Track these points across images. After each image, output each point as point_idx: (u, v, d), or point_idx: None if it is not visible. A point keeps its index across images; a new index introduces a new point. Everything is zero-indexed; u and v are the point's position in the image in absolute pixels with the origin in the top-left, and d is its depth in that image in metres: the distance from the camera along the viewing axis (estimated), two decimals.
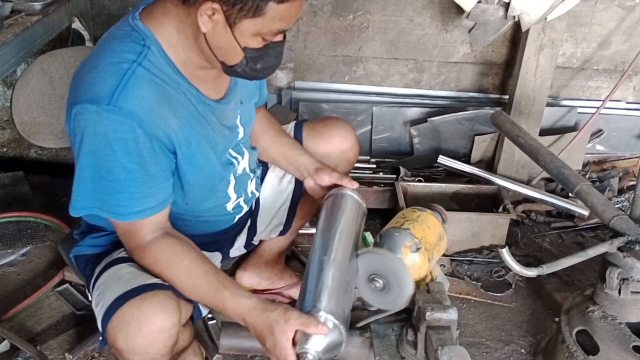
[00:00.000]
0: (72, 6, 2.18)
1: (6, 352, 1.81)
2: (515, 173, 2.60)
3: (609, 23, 2.55)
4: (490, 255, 2.31)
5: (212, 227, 1.62)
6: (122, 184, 1.27)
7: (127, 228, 1.34)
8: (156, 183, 1.31)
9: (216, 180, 1.50)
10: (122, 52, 1.26)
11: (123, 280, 1.34)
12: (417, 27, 2.55)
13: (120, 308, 1.27)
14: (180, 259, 1.33)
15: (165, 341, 1.28)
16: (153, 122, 1.26)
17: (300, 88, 2.67)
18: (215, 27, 1.22)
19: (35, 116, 2.06)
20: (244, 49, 1.25)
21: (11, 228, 2.31)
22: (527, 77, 2.42)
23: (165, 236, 1.36)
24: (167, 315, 1.27)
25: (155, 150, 1.28)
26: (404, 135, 2.71)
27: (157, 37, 1.28)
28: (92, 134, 1.23)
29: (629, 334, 1.61)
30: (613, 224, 1.61)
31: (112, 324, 1.27)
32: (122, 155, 1.24)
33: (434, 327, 1.47)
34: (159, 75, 1.28)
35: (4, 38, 1.72)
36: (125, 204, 1.29)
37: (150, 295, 1.28)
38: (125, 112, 1.21)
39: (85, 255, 1.52)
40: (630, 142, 2.78)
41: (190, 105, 1.35)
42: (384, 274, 1.44)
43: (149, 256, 1.35)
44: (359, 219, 1.51)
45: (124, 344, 1.26)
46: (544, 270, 1.54)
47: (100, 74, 1.24)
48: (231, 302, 1.30)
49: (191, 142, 1.36)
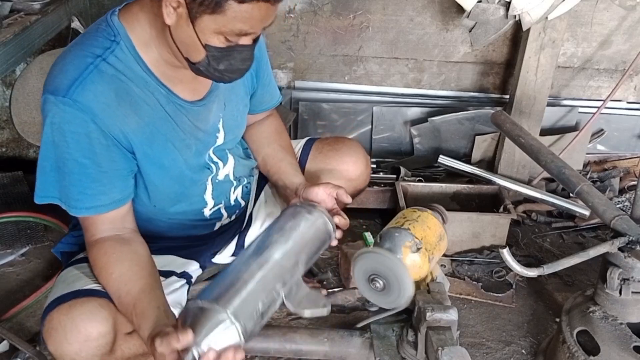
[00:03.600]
0: (71, 5, 2.18)
1: (5, 352, 1.81)
2: (516, 173, 2.60)
3: (610, 22, 2.55)
4: (491, 256, 2.31)
5: (189, 230, 1.60)
6: (75, 177, 1.27)
7: (83, 220, 1.35)
8: (110, 181, 1.30)
9: (186, 183, 1.47)
10: (90, 47, 1.27)
11: (65, 283, 1.34)
12: (417, 27, 2.55)
13: (50, 313, 1.26)
14: (111, 271, 1.29)
15: (95, 349, 1.25)
16: (109, 118, 1.26)
17: (300, 88, 2.66)
18: (179, 20, 1.22)
19: (35, 116, 2.06)
20: (205, 46, 1.24)
21: (10, 228, 2.31)
22: (527, 76, 2.42)
23: (110, 240, 1.33)
24: (94, 324, 1.23)
25: (110, 147, 1.28)
26: (404, 135, 2.71)
27: (129, 34, 1.29)
28: (51, 124, 1.24)
29: (630, 335, 1.61)
30: (614, 224, 1.60)
31: (44, 327, 1.27)
32: (75, 149, 1.25)
33: (434, 328, 1.47)
34: (124, 72, 1.28)
35: (2, 38, 1.71)
36: (78, 198, 1.29)
37: (80, 302, 1.26)
38: (79, 105, 1.22)
39: (66, 252, 1.53)
40: (631, 142, 2.78)
41: (157, 104, 1.34)
42: (384, 274, 1.43)
43: (91, 254, 1.34)
44: (318, 243, 1.40)
45: (53, 348, 1.26)
46: (545, 270, 1.53)
47: (65, 66, 1.26)
48: (138, 328, 1.21)
49: (153, 142, 1.35)
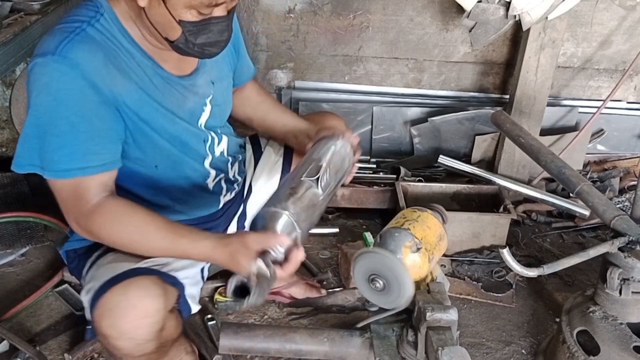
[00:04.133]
0: (71, 5, 2.17)
1: (5, 352, 1.81)
2: (516, 173, 2.60)
3: (610, 23, 2.55)
4: (491, 256, 2.31)
5: (197, 209, 1.61)
6: (66, 137, 1.26)
7: (72, 190, 1.29)
8: (102, 140, 1.30)
9: (182, 148, 1.47)
10: (74, 16, 1.30)
11: (108, 268, 1.34)
12: (417, 27, 2.55)
13: (105, 294, 1.27)
14: (129, 217, 1.30)
15: (150, 326, 1.28)
16: (99, 76, 1.26)
17: (300, 88, 2.67)
18: (151, 1, 1.24)
19: None
20: (179, 22, 1.26)
21: (10, 228, 2.31)
22: (527, 76, 2.42)
23: (111, 197, 1.32)
24: (151, 300, 1.27)
25: (101, 105, 1.28)
26: (404, 135, 2.71)
27: (113, 9, 1.31)
28: (38, 86, 1.24)
29: (630, 335, 1.61)
30: (614, 224, 1.61)
31: (97, 310, 1.27)
32: (67, 106, 1.24)
33: (434, 328, 1.47)
34: (110, 39, 1.30)
35: (3, 38, 1.71)
36: (68, 159, 1.27)
37: (134, 280, 1.28)
38: (69, 61, 1.23)
39: (75, 249, 1.52)
40: (631, 142, 2.78)
41: (143, 75, 1.36)
42: (384, 274, 1.43)
43: (95, 221, 1.29)
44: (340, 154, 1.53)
45: (109, 330, 1.26)
46: (545, 270, 1.53)
47: (52, 33, 1.27)
48: (192, 249, 1.30)
49: (143, 105, 1.36)
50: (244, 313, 2.04)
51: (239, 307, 1.24)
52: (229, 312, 2.04)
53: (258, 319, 2.03)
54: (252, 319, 2.03)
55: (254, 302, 1.19)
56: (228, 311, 2.04)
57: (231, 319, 2.02)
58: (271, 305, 2.07)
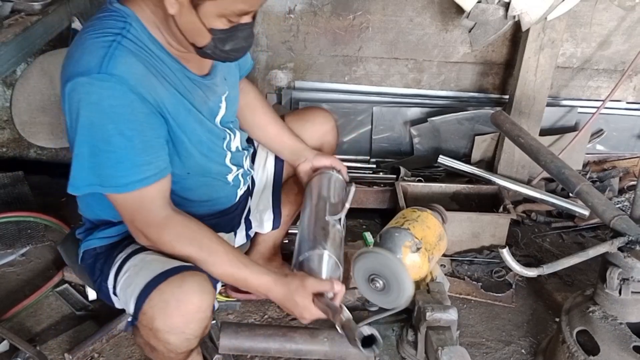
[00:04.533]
0: (72, 6, 2.18)
1: (6, 352, 1.81)
2: (516, 173, 2.60)
3: (609, 23, 2.55)
4: (491, 256, 2.31)
5: (218, 204, 1.64)
6: (122, 152, 1.27)
7: (136, 202, 1.33)
8: (154, 150, 1.32)
9: (208, 151, 1.51)
10: (103, 29, 1.29)
11: (157, 263, 1.35)
12: (417, 27, 2.55)
13: (159, 286, 1.28)
14: (201, 236, 1.38)
15: (201, 322, 1.31)
16: (143, 87, 1.27)
17: (300, 88, 2.67)
18: (182, 9, 1.25)
19: (35, 116, 2.06)
20: (210, 30, 1.28)
21: (11, 228, 2.31)
22: (527, 77, 2.42)
23: (178, 213, 1.38)
24: (205, 295, 1.30)
25: (149, 115, 1.30)
26: (404, 135, 2.71)
27: (138, 16, 1.31)
28: (87, 105, 1.24)
29: (630, 334, 1.61)
30: (613, 224, 1.61)
31: (150, 302, 1.28)
32: (119, 122, 1.25)
33: (434, 328, 1.47)
34: (143, 48, 1.31)
35: (3, 38, 1.71)
36: (126, 173, 1.29)
37: (189, 274, 1.30)
38: (116, 78, 1.23)
39: (95, 248, 1.53)
40: (631, 142, 2.78)
41: (175, 78, 1.37)
42: (384, 274, 1.44)
43: (168, 233, 1.35)
44: (340, 189, 1.71)
45: (162, 322, 1.27)
46: (545, 270, 1.54)
47: (87, 48, 1.26)
48: (253, 279, 1.40)
49: (179, 110, 1.38)
50: (244, 313, 2.05)
51: (371, 356, 1.34)
52: (229, 312, 2.04)
53: (258, 319, 2.03)
54: (252, 319, 2.03)
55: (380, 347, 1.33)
56: (228, 311, 2.05)
57: (231, 319, 2.02)
58: (271, 305, 2.07)
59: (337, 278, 1.44)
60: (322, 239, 1.47)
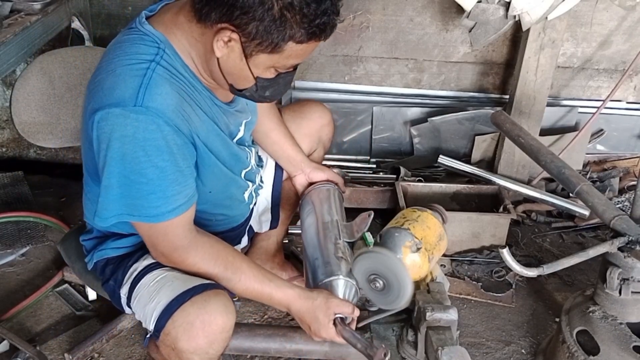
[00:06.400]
0: (72, 6, 2.18)
1: (5, 352, 1.81)
2: (516, 173, 2.60)
3: (610, 23, 2.55)
4: (491, 256, 2.31)
5: (234, 220, 1.66)
6: (154, 184, 1.25)
7: (163, 230, 1.32)
8: (185, 179, 1.31)
9: (229, 172, 1.52)
10: (137, 54, 1.25)
11: (177, 281, 1.34)
12: (417, 27, 2.55)
13: (183, 307, 1.27)
14: (225, 254, 1.40)
15: (224, 342, 1.31)
16: (178, 118, 1.26)
17: (300, 88, 2.67)
18: (230, 53, 1.23)
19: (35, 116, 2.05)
20: (256, 78, 1.28)
21: (10, 228, 2.31)
22: (527, 76, 2.42)
23: (201, 235, 1.39)
24: (228, 316, 1.29)
25: (182, 146, 1.28)
26: (404, 135, 2.71)
27: (171, 43, 1.28)
28: (120, 137, 1.21)
29: (630, 334, 1.61)
30: (614, 224, 1.61)
31: (174, 323, 1.27)
32: (154, 154, 1.23)
33: (434, 328, 1.47)
34: (176, 75, 1.28)
35: (3, 38, 1.72)
36: (158, 204, 1.27)
37: (213, 294, 1.30)
38: (152, 111, 1.20)
39: (107, 258, 1.52)
40: (631, 142, 2.78)
41: (206, 105, 1.37)
42: (384, 274, 1.44)
43: (194, 256, 1.36)
44: (339, 202, 1.80)
45: (186, 344, 1.26)
46: (545, 270, 1.54)
47: (120, 77, 1.22)
48: (277, 293, 1.42)
49: (210, 137, 1.38)
50: (244, 313, 2.05)
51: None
52: None
53: (258, 319, 2.03)
54: (252, 319, 2.03)
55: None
56: None
57: None
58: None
59: (356, 303, 1.48)
60: (342, 264, 1.52)
